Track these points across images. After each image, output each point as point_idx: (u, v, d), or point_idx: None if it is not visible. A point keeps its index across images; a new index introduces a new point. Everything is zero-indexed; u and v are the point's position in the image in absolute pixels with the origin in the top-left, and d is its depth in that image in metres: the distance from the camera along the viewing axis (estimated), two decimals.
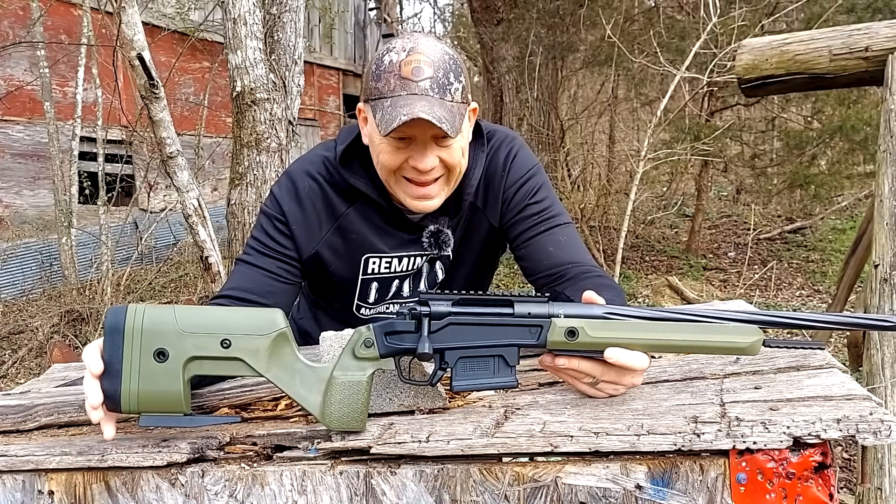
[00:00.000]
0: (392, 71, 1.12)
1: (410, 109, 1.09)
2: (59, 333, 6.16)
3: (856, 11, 6.80)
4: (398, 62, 1.12)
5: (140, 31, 3.22)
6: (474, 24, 9.75)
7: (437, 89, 1.12)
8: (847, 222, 9.33)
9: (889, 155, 2.49)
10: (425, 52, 1.13)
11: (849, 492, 2.93)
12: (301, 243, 1.30)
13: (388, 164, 1.19)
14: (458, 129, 1.13)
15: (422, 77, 1.11)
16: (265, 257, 1.28)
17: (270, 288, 1.27)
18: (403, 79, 1.12)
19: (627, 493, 0.78)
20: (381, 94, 1.13)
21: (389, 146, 1.17)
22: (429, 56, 1.13)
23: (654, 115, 5.82)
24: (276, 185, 1.33)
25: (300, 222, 1.30)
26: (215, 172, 10.40)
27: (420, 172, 1.18)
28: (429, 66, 1.12)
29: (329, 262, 1.33)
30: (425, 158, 1.16)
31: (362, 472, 0.84)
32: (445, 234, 1.34)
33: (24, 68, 8.71)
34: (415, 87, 1.11)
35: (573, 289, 1.17)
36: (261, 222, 1.32)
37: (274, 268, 1.28)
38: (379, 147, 1.19)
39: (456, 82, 1.15)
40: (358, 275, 1.35)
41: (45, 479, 0.89)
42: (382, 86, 1.13)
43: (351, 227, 1.32)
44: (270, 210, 1.31)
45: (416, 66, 1.12)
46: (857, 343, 3.48)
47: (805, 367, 0.97)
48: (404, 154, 1.17)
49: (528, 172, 1.34)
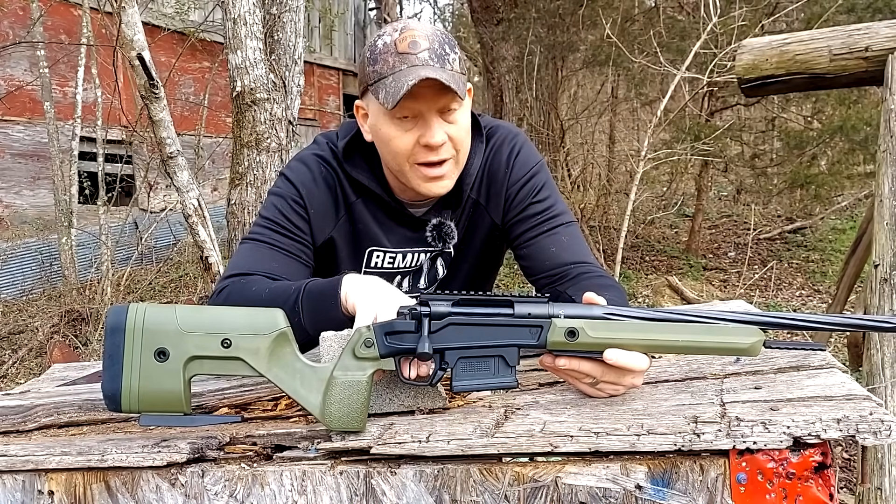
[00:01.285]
0: (388, 51, 1.12)
1: (416, 75, 1.09)
2: (59, 333, 6.16)
3: (856, 11, 6.80)
4: (393, 41, 1.13)
5: (140, 31, 3.22)
6: (474, 24, 9.75)
7: (437, 59, 1.12)
8: (847, 222, 9.33)
9: (889, 155, 2.49)
10: (417, 27, 1.14)
11: (849, 492, 2.93)
12: (316, 228, 1.26)
13: (401, 148, 1.17)
14: (464, 93, 1.14)
15: (419, 49, 1.12)
16: (278, 234, 1.22)
17: (282, 263, 1.19)
18: (401, 54, 1.12)
19: (627, 493, 0.78)
20: (381, 75, 1.13)
21: (397, 128, 1.16)
22: (421, 31, 1.14)
23: (654, 115, 5.82)
24: (289, 170, 1.30)
25: (317, 206, 1.26)
26: (215, 172, 10.39)
27: (431, 150, 1.17)
28: (424, 39, 1.13)
29: (340, 250, 1.31)
30: (434, 132, 1.15)
31: (362, 472, 0.84)
32: (449, 227, 1.34)
33: (24, 68, 8.71)
34: (414, 59, 1.11)
35: (575, 289, 1.17)
36: (273, 203, 1.25)
37: (286, 244, 1.22)
38: (386, 133, 1.18)
39: (452, 53, 1.15)
40: (361, 269, 1.35)
41: (45, 479, 0.89)
42: (381, 67, 1.13)
43: (358, 217, 1.31)
44: (286, 191, 1.25)
45: (412, 41, 1.12)
46: (857, 343, 3.48)
47: (805, 368, 0.97)
48: (413, 134, 1.16)
49: (532, 170, 1.33)
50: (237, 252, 1.24)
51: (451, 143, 1.19)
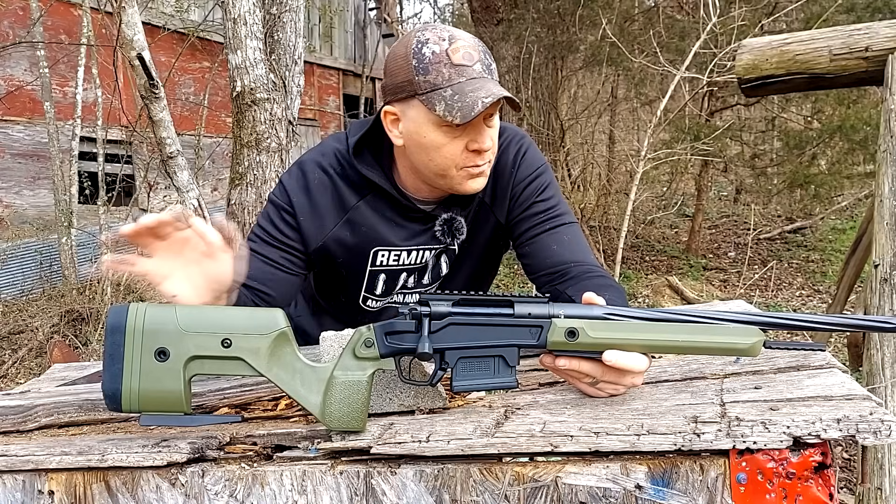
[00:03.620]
0: (441, 61, 1.12)
1: (487, 92, 1.10)
2: (59, 333, 6.16)
3: (856, 11, 6.81)
4: (443, 51, 1.12)
5: (140, 31, 3.22)
6: (474, 24, 9.74)
7: (487, 71, 1.15)
8: (847, 222, 9.33)
9: (889, 155, 2.49)
10: (463, 37, 1.15)
11: (849, 492, 2.93)
12: (308, 236, 1.30)
13: (450, 153, 1.19)
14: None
15: (474, 61, 1.13)
16: (269, 246, 1.29)
17: (272, 276, 1.28)
18: (457, 66, 1.12)
19: (627, 493, 0.78)
20: (436, 86, 1.12)
21: (447, 137, 1.17)
22: (467, 41, 1.15)
23: (654, 115, 5.82)
24: (287, 175, 1.33)
25: (308, 214, 1.30)
26: (215, 172, 10.39)
27: (480, 155, 1.20)
28: (474, 51, 1.14)
29: (337, 255, 1.34)
30: (486, 137, 1.19)
31: (362, 472, 0.84)
32: (458, 222, 1.35)
33: (24, 68, 8.71)
34: (472, 72, 1.12)
35: (574, 288, 1.17)
36: (268, 211, 1.33)
37: (277, 257, 1.29)
38: (433, 140, 1.18)
39: (493, 62, 1.18)
40: (366, 267, 1.36)
41: (45, 479, 0.89)
42: (434, 77, 1.12)
43: (361, 221, 1.32)
44: (279, 200, 1.31)
45: (465, 52, 1.13)
46: (857, 343, 3.48)
47: (805, 367, 0.97)
48: (462, 140, 1.18)
49: (537, 171, 1.35)
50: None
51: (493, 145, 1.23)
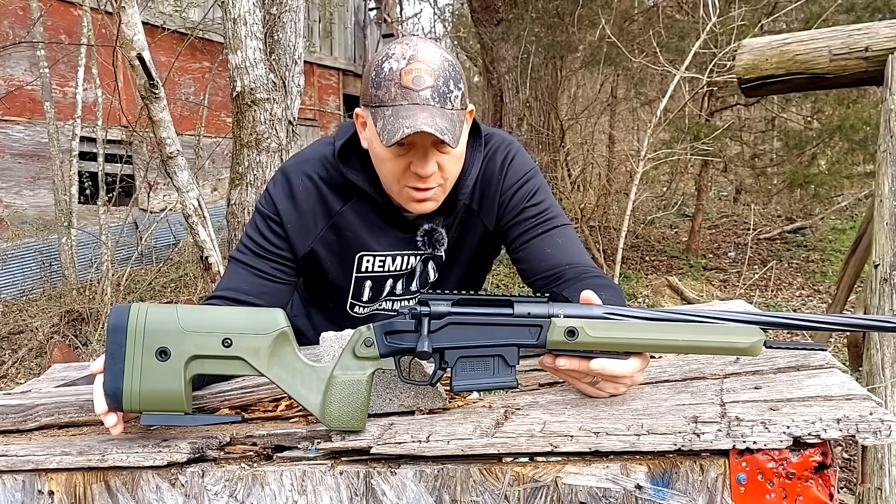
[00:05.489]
0: (392, 79, 1.12)
1: (413, 122, 1.09)
2: (59, 333, 6.16)
3: (855, 11, 6.80)
4: (398, 70, 1.12)
5: (140, 31, 3.22)
6: (474, 24, 9.75)
7: (438, 98, 1.12)
8: (847, 222, 9.32)
9: (889, 155, 2.49)
10: (425, 59, 1.13)
11: (849, 492, 2.93)
12: (295, 242, 1.31)
13: (391, 170, 1.20)
14: (458, 139, 1.14)
15: (423, 86, 1.11)
16: (259, 258, 1.30)
17: (264, 288, 1.29)
18: (404, 88, 1.11)
19: (627, 493, 0.78)
20: (382, 102, 1.13)
21: (390, 153, 1.17)
22: (429, 64, 1.13)
23: (653, 115, 5.82)
24: (272, 183, 1.34)
25: (294, 221, 1.30)
26: (215, 172, 10.39)
27: (421, 178, 1.18)
28: (429, 75, 1.12)
29: (324, 260, 1.34)
30: (426, 164, 1.17)
31: (362, 472, 0.84)
32: (439, 233, 1.35)
33: (24, 68, 8.70)
34: (416, 97, 1.11)
35: (571, 290, 1.17)
36: (255, 221, 1.33)
37: (267, 268, 1.29)
38: (379, 153, 1.19)
39: (455, 90, 1.15)
40: (352, 273, 1.36)
41: (45, 479, 0.89)
42: (383, 94, 1.13)
43: (346, 225, 1.32)
44: (265, 209, 1.32)
45: (416, 76, 1.11)
46: (857, 343, 3.49)
47: (805, 367, 0.97)
48: (405, 160, 1.18)
49: (526, 175, 1.34)
50: (227, 271, 1.33)
51: (441, 172, 1.20)
